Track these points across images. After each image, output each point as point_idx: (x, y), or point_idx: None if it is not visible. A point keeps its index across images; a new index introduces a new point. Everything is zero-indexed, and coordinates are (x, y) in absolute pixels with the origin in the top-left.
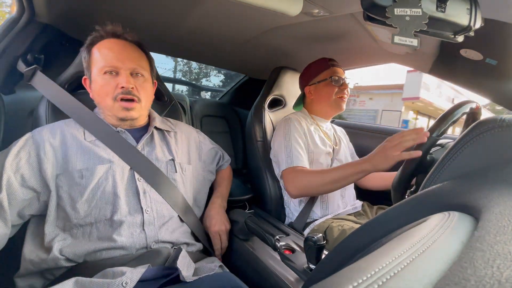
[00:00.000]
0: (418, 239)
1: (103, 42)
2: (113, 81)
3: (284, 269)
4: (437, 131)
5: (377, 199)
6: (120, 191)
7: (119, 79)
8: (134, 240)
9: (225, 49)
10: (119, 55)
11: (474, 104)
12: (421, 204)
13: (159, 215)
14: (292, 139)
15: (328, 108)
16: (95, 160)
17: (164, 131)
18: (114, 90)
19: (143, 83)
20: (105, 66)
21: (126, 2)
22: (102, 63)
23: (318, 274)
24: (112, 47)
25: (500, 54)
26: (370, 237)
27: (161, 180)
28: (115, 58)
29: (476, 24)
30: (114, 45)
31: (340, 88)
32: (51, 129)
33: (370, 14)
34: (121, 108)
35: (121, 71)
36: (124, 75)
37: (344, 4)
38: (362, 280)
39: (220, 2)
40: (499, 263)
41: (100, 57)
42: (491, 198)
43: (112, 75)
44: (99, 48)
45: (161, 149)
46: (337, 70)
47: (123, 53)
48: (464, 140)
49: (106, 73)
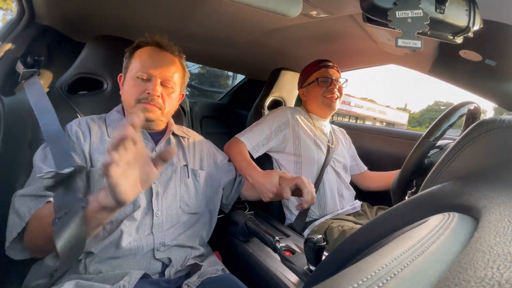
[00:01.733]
0: (418, 240)
1: (147, 48)
2: (143, 85)
3: (284, 271)
4: (433, 135)
5: (377, 200)
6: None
7: (148, 85)
8: (142, 242)
9: (225, 51)
10: (156, 63)
11: (472, 105)
12: (421, 205)
13: (168, 219)
14: (264, 123)
15: (319, 108)
16: None
17: (179, 137)
18: (140, 93)
19: (171, 93)
20: (140, 71)
21: (126, 5)
22: (139, 67)
23: (318, 275)
24: (153, 55)
25: (499, 55)
26: (370, 238)
27: (175, 184)
28: (152, 65)
29: (475, 25)
30: (155, 53)
31: (328, 88)
32: (78, 123)
33: (370, 16)
34: (141, 107)
35: (153, 78)
36: (154, 82)
37: (344, 6)
38: (362, 281)
39: (220, 4)
40: (499, 264)
41: (139, 62)
42: (491, 199)
43: (144, 80)
44: (141, 53)
45: (176, 154)
46: (327, 70)
47: (161, 63)
48: (464, 141)
49: (138, 77)
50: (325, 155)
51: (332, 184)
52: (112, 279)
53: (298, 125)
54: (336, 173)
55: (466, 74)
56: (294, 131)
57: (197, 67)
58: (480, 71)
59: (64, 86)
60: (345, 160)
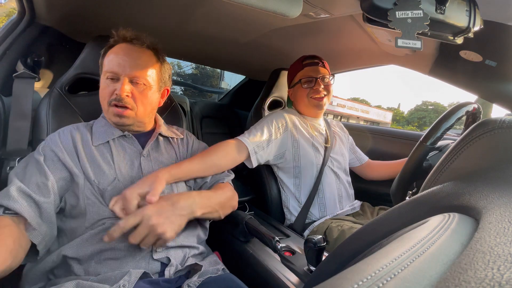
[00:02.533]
0: (418, 240)
1: (116, 47)
2: (112, 86)
3: (285, 271)
4: (431, 139)
5: (378, 200)
6: None
7: (117, 85)
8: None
9: (225, 51)
10: (121, 61)
11: (471, 106)
12: (421, 206)
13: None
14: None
15: (308, 109)
16: (105, 170)
17: (169, 138)
18: (110, 95)
19: (143, 91)
20: (107, 71)
21: (126, 5)
22: (106, 68)
23: (318, 275)
24: (118, 52)
25: (499, 55)
26: (370, 239)
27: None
28: (117, 64)
29: (475, 26)
30: (121, 50)
31: (313, 88)
32: (61, 134)
33: (370, 16)
34: (113, 114)
35: (121, 77)
36: (122, 82)
37: (344, 6)
38: (362, 281)
39: (220, 4)
40: (499, 264)
41: (106, 62)
42: (491, 199)
43: (113, 80)
44: (110, 52)
45: (167, 155)
46: (311, 69)
47: (127, 59)
48: (464, 141)
49: (108, 78)
50: (322, 156)
51: (332, 186)
52: (112, 279)
53: (295, 128)
54: (334, 174)
55: (466, 75)
56: (293, 135)
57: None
58: (480, 72)
59: (64, 86)
60: (343, 158)
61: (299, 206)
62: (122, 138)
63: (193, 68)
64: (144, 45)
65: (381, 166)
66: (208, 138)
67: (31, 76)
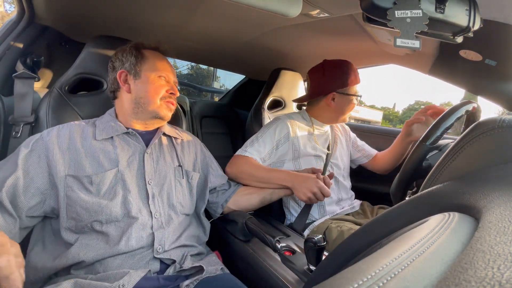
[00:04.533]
0: (418, 240)
1: (153, 52)
2: (166, 85)
3: (285, 270)
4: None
5: (378, 199)
6: (131, 195)
7: (169, 86)
8: (143, 243)
9: (225, 51)
10: (170, 67)
11: (470, 105)
12: (421, 205)
13: (167, 220)
14: (265, 135)
15: (333, 119)
16: (105, 164)
17: (172, 138)
18: (163, 92)
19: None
20: (162, 72)
21: (126, 5)
22: (159, 69)
23: (318, 275)
24: (163, 60)
25: (499, 54)
26: (370, 238)
27: (169, 184)
28: (169, 70)
29: (475, 25)
30: (163, 59)
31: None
32: (59, 131)
33: (370, 16)
34: (165, 106)
35: (171, 81)
36: (173, 84)
37: (344, 5)
38: (362, 281)
39: (220, 4)
40: (499, 264)
41: (156, 63)
42: (491, 198)
43: (165, 80)
44: (154, 55)
45: (169, 154)
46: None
47: (171, 67)
48: (464, 141)
49: (161, 77)
50: (324, 162)
51: (332, 192)
52: (111, 278)
53: (297, 138)
54: (334, 179)
55: (466, 74)
56: (294, 145)
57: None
58: (480, 71)
59: (64, 86)
60: (343, 162)
61: (299, 207)
62: (126, 135)
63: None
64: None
65: (385, 154)
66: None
67: (30, 76)
